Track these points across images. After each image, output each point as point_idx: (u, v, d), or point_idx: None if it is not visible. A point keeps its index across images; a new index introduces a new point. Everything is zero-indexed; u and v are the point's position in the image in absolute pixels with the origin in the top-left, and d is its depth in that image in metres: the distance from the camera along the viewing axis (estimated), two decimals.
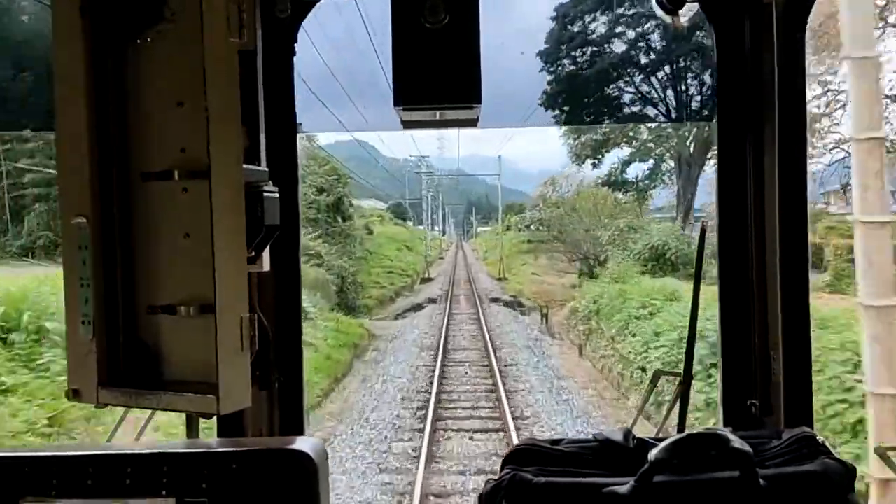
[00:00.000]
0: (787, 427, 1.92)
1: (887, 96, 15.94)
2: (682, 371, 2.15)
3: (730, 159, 2.17)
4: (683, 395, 2.13)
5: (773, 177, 2.07)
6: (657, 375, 2.28)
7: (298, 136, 2.18)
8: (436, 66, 1.97)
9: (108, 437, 2.08)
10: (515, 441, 11.00)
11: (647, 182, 35.76)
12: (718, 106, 2.19)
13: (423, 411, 14.24)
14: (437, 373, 17.44)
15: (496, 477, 1.61)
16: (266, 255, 1.84)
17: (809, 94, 2.14)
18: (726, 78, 2.17)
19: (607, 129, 33.71)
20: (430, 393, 15.62)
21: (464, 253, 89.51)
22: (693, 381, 2.13)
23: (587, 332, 21.19)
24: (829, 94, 19.27)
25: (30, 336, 10.86)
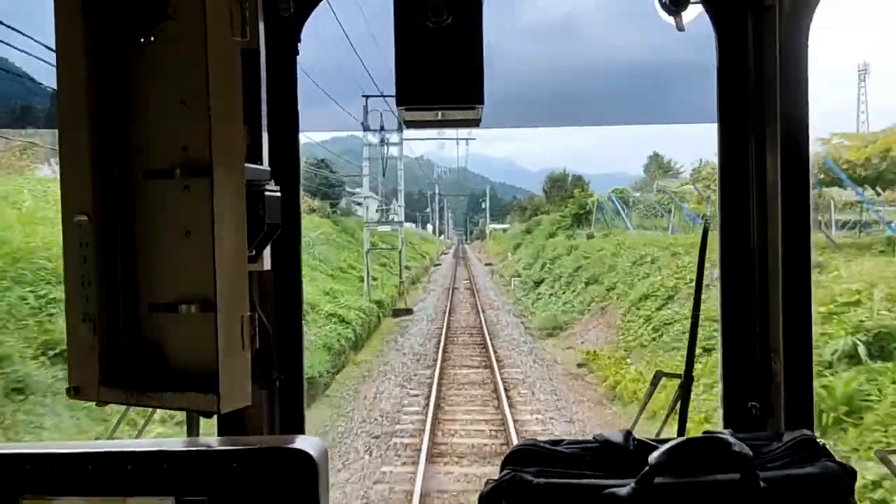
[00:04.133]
0: (787, 429, 1.92)
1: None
2: (682, 372, 2.15)
3: (731, 159, 2.17)
4: (684, 396, 2.13)
5: (775, 177, 2.06)
6: (658, 376, 2.28)
7: None
8: (438, 66, 1.97)
9: (108, 435, 2.09)
10: None
11: None
12: (719, 106, 2.18)
13: None
14: None
15: (496, 477, 1.61)
16: (267, 253, 1.84)
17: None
18: (728, 78, 2.17)
19: None
20: None
21: (469, 274, 48.19)
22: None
23: None
24: None
25: None
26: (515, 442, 14.32)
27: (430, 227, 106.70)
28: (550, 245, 37.52)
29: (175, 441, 1.64)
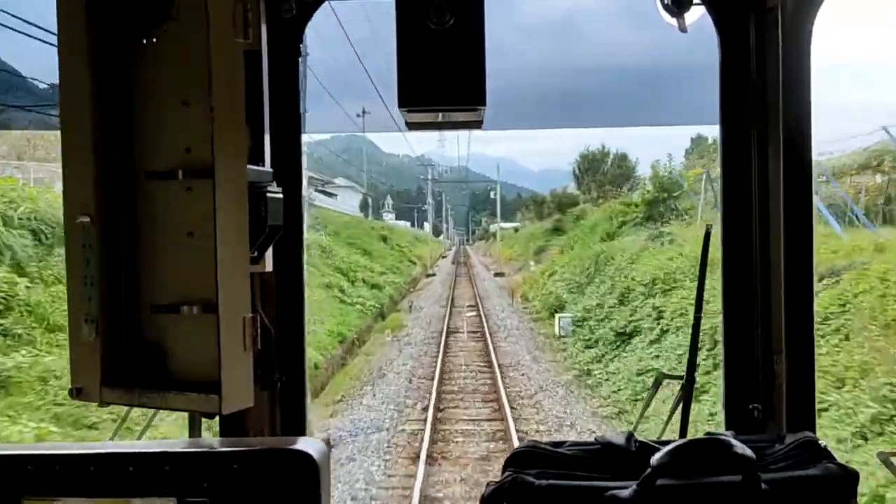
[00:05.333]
0: (789, 431, 1.92)
1: None
2: (684, 375, 2.15)
3: (734, 160, 2.17)
4: (686, 398, 2.13)
5: (777, 178, 2.06)
6: (659, 379, 2.27)
7: None
8: (440, 68, 1.96)
9: (111, 436, 2.09)
10: None
11: None
12: (722, 107, 2.18)
13: None
14: None
15: (498, 480, 1.60)
16: (269, 255, 1.84)
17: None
18: (730, 78, 2.16)
19: None
20: None
21: (474, 293, 32.17)
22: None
23: None
24: None
25: None
26: None
27: (427, 225, 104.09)
28: (619, 252, 20.84)
29: (177, 442, 1.63)
